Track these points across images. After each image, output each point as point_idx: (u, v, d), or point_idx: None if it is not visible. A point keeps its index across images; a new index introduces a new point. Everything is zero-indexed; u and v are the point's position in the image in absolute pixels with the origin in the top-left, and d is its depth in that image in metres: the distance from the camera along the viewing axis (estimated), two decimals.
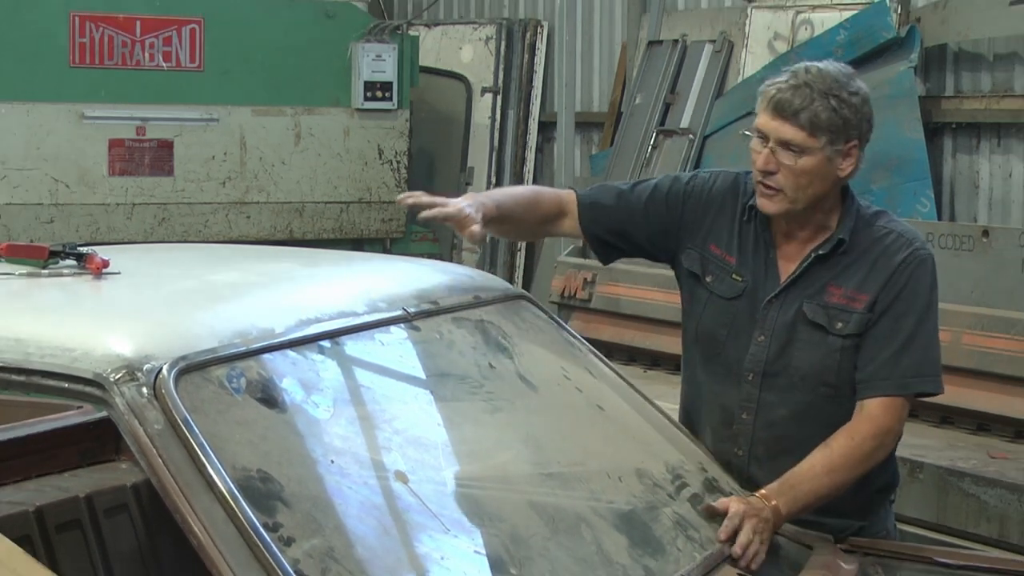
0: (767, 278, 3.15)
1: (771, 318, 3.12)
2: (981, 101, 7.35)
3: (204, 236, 8.22)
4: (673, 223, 3.25)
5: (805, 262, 3.12)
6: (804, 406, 3.11)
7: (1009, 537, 4.67)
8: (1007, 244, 5.67)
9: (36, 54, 7.83)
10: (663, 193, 3.26)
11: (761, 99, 3.06)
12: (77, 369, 2.27)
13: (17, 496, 3.15)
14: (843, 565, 2.94)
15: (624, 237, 3.30)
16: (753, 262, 3.16)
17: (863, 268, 3.09)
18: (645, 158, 8.51)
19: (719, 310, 3.18)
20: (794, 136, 3.00)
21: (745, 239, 3.18)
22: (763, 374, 3.12)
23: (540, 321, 3.27)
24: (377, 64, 8.62)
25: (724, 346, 3.17)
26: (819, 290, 3.10)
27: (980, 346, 5.28)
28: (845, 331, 3.07)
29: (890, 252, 3.09)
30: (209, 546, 2.10)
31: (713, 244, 3.21)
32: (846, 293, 3.08)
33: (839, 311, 3.08)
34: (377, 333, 2.75)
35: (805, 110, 2.99)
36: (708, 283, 3.20)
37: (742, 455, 3.17)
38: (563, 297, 7.28)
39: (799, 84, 3.00)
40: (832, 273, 3.10)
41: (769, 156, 3.03)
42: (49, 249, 2.84)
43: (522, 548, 2.52)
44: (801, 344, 3.09)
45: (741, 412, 3.16)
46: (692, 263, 3.23)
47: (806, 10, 8.02)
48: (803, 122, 2.99)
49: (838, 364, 3.08)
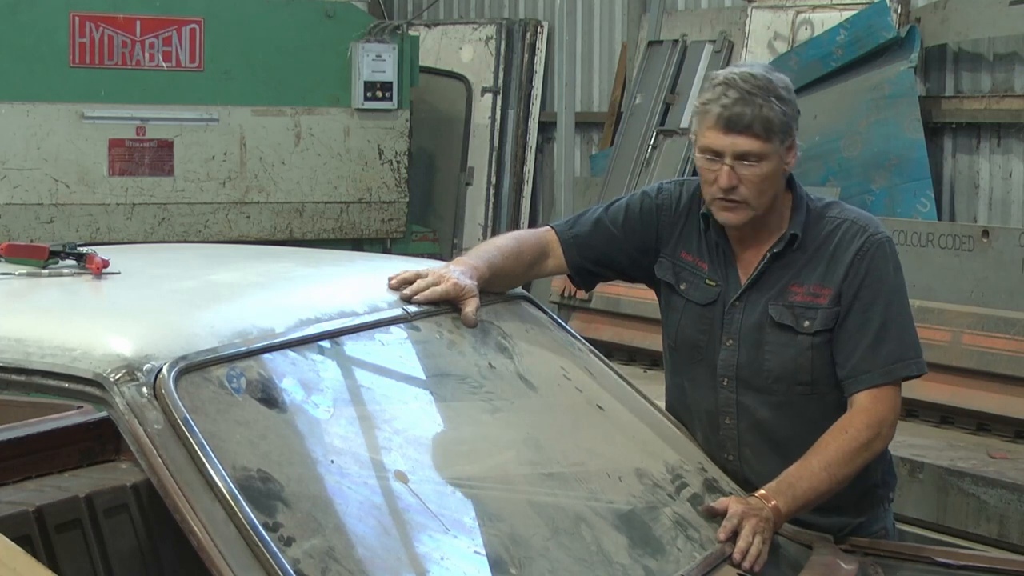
0: (729, 282, 3.16)
1: (736, 321, 3.13)
2: (981, 101, 7.35)
3: (204, 236, 8.22)
4: (650, 238, 3.27)
5: (761, 262, 3.13)
6: (783, 406, 3.12)
7: (1009, 537, 4.68)
8: (1007, 244, 5.68)
9: (36, 54, 7.83)
10: (636, 211, 3.28)
11: (702, 118, 3.05)
12: (77, 369, 2.27)
13: (17, 496, 3.14)
14: (843, 565, 2.94)
15: (608, 264, 3.32)
16: (720, 267, 3.18)
17: (821, 263, 3.10)
18: (645, 158, 8.51)
19: (696, 316, 3.19)
20: (752, 146, 3.01)
21: (709, 246, 3.20)
22: (736, 378, 3.13)
23: (540, 321, 3.26)
24: (377, 64, 8.63)
25: (704, 352, 3.18)
26: (781, 291, 3.11)
27: (980, 346, 5.28)
28: (813, 328, 3.07)
29: (845, 242, 3.10)
30: (209, 546, 2.10)
31: (684, 251, 3.23)
32: (809, 290, 3.09)
33: (804, 309, 3.08)
34: (377, 333, 2.75)
35: (756, 119, 3.00)
36: (683, 290, 3.21)
37: (733, 460, 3.18)
38: (563, 297, 7.29)
39: (741, 96, 3.00)
40: (791, 272, 3.11)
41: (730, 172, 3.03)
42: (49, 249, 2.84)
43: (522, 548, 2.52)
44: (771, 346, 3.10)
45: (724, 417, 3.17)
46: (665, 272, 3.24)
47: (806, 10, 8.02)
48: (757, 131, 3.00)
49: (811, 362, 3.09)
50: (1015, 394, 5.29)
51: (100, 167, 8.05)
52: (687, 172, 8.28)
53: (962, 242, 5.85)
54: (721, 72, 3.10)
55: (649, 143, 8.51)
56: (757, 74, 3.04)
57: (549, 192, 9.78)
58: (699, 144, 3.06)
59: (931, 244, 5.97)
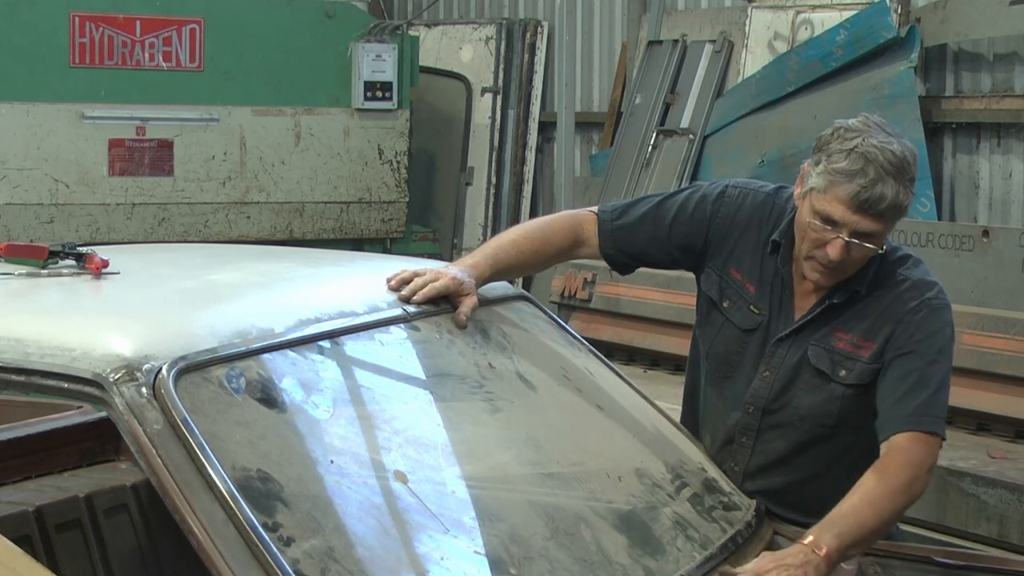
0: (781, 315, 3.09)
1: (779, 356, 3.08)
2: (981, 101, 7.35)
3: (204, 236, 8.22)
4: (697, 241, 3.16)
5: (819, 307, 3.05)
6: (801, 443, 3.10)
7: (1009, 537, 4.67)
8: (1007, 244, 5.68)
9: (36, 54, 7.83)
10: (688, 213, 3.16)
11: (831, 183, 2.89)
12: (77, 369, 2.27)
13: (17, 496, 3.14)
14: (843, 565, 2.94)
15: (644, 259, 3.24)
16: (771, 296, 3.10)
17: (872, 315, 3.02)
18: (645, 158, 8.51)
19: (733, 338, 3.13)
20: (875, 228, 2.90)
21: (766, 270, 3.10)
22: (763, 410, 3.10)
23: (540, 321, 3.26)
24: (377, 64, 8.62)
25: (733, 373, 3.14)
26: (827, 334, 3.04)
27: (980, 346, 5.28)
28: (847, 380, 3.02)
29: (901, 301, 3.01)
30: (209, 546, 2.10)
31: (734, 268, 3.13)
32: (852, 340, 3.02)
33: (843, 358, 3.02)
34: (377, 333, 2.75)
35: (891, 206, 2.88)
36: (725, 308, 3.14)
37: (738, 470, 3.17)
38: (563, 297, 7.29)
39: (880, 177, 2.86)
40: (840, 318, 3.04)
41: (844, 247, 2.91)
42: (49, 249, 2.84)
43: (522, 548, 2.52)
44: (803, 386, 3.06)
45: (741, 436, 3.15)
46: (710, 286, 3.16)
47: (806, 10, 8.02)
48: (887, 216, 2.90)
49: (839, 409, 3.05)
50: (1015, 394, 5.29)
51: (100, 167, 8.05)
52: (688, 172, 8.28)
53: (962, 242, 5.85)
54: (861, 136, 2.90)
55: (649, 143, 8.52)
56: (897, 153, 2.88)
57: (549, 192, 9.78)
58: (818, 207, 2.91)
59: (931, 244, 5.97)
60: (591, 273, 7.07)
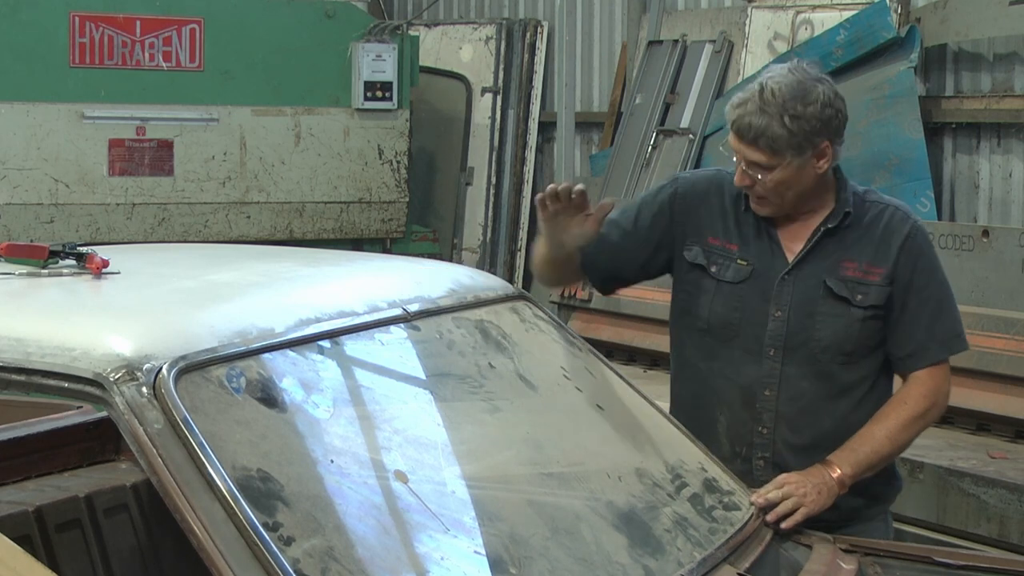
0: (773, 258, 3.24)
1: (786, 294, 3.22)
2: (981, 101, 7.35)
3: (204, 236, 8.22)
4: (665, 233, 3.34)
5: (814, 237, 3.22)
6: (823, 376, 3.22)
7: (1009, 537, 4.67)
8: (1007, 244, 5.68)
9: (36, 54, 7.83)
10: (649, 203, 3.36)
11: (727, 118, 3.18)
12: (77, 369, 2.27)
13: (17, 496, 3.15)
14: (843, 565, 2.94)
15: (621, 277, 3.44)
16: (756, 246, 3.26)
17: (871, 243, 3.22)
18: (645, 158, 8.51)
19: (728, 295, 3.27)
20: (758, 158, 3.13)
21: (745, 225, 3.28)
22: (784, 348, 3.21)
23: (540, 321, 3.26)
24: (377, 64, 8.62)
25: (740, 328, 3.25)
26: (834, 264, 3.21)
27: (980, 346, 5.28)
28: (865, 303, 3.19)
29: (892, 226, 3.22)
30: (209, 546, 2.11)
31: (710, 237, 3.30)
32: (860, 267, 3.20)
33: (856, 283, 3.20)
34: (377, 333, 2.75)
35: (763, 135, 3.10)
36: (714, 272, 3.28)
37: (767, 433, 3.23)
38: (563, 297, 7.28)
39: (755, 109, 3.10)
40: (842, 248, 3.22)
41: (743, 174, 3.17)
42: (49, 249, 2.84)
43: (522, 548, 2.52)
44: (823, 316, 3.20)
45: (763, 389, 3.23)
46: (695, 256, 3.31)
47: (806, 10, 8.02)
48: (763, 146, 3.12)
49: (858, 334, 3.20)
50: (1015, 394, 5.29)
51: (100, 167, 8.05)
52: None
53: (962, 242, 5.85)
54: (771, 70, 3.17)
55: (649, 143, 8.51)
56: (783, 86, 3.10)
57: None
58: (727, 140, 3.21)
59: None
60: None
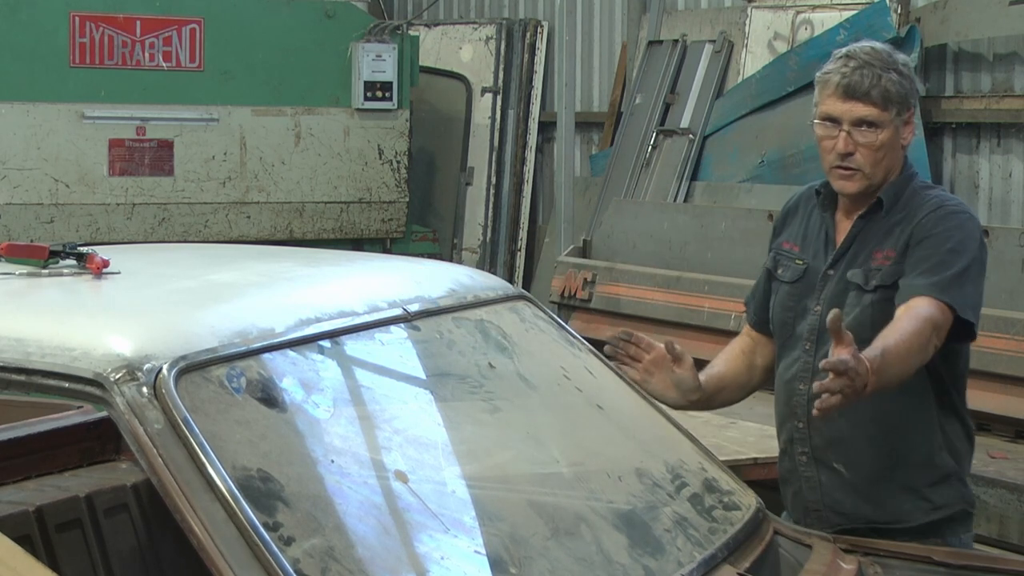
0: (825, 254, 3.28)
1: (827, 290, 3.25)
2: (981, 101, 7.35)
3: (204, 236, 8.23)
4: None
5: (853, 231, 3.24)
6: None
7: (1009, 537, 4.68)
8: (1007, 244, 5.67)
9: (36, 54, 7.84)
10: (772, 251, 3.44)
11: (822, 87, 3.18)
12: (77, 369, 2.27)
13: (17, 496, 3.15)
14: (843, 565, 2.94)
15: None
16: (815, 244, 3.30)
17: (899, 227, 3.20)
18: (645, 158, 8.52)
19: (785, 296, 3.32)
20: (869, 113, 3.13)
21: (811, 226, 3.33)
22: (816, 341, 3.23)
23: (540, 321, 3.26)
24: (377, 64, 8.63)
25: (793, 326, 3.30)
26: (867, 256, 3.22)
27: (980, 346, 5.25)
28: (872, 285, 3.18)
29: (922, 209, 3.18)
30: (209, 546, 2.11)
31: (785, 241, 3.38)
32: (885, 255, 3.21)
33: (875, 271, 3.19)
34: (377, 333, 2.75)
35: (875, 87, 3.12)
36: (779, 275, 3.35)
37: (802, 427, 3.25)
38: (563, 297, 7.29)
39: (861, 65, 3.13)
40: (876, 239, 3.22)
41: (847, 138, 3.15)
42: (49, 249, 2.84)
43: (522, 548, 2.52)
44: (848, 308, 3.20)
45: (798, 383, 3.25)
46: (769, 262, 3.40)
47: (806, 10, 8.02)
48: (876, 98, 3.12)
49: (871, 318, 3.15)
50: (1015, 394, 5.29)
51: (100, 167, 8.06)
52: (687, 172, 8.29)
53: None
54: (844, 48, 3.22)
55: (649, 143, 8.52)
56: (878, 47, 3.18)
57: (549, 192, 9.78)
58: (819, 113, 3.19)
59: None
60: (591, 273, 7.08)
